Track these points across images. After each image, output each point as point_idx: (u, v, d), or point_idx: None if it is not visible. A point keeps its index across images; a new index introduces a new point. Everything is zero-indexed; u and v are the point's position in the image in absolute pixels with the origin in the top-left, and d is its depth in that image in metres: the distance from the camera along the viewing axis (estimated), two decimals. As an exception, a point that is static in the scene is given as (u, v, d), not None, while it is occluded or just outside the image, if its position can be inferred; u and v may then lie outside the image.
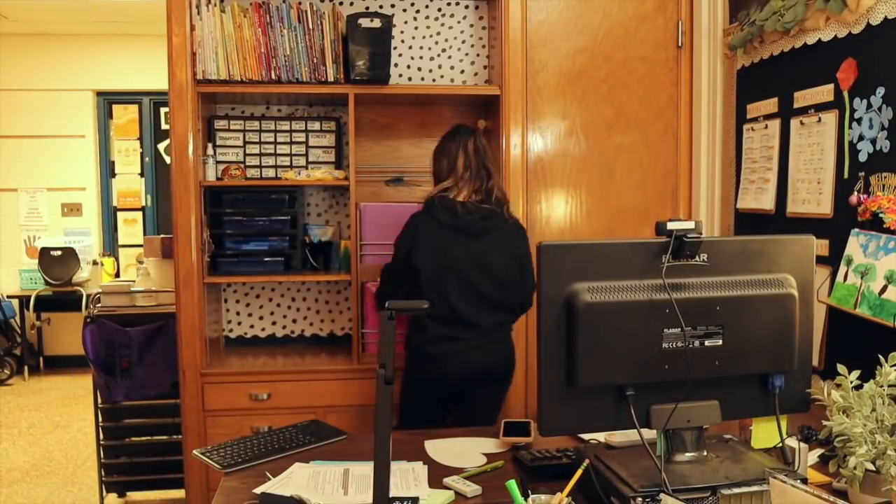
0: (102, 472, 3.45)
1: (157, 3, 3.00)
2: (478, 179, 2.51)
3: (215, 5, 2.77)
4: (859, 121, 2.03)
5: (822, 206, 2.19)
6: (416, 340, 2.50)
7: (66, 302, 6.11)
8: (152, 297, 3.47)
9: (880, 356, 1.50)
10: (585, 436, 1.84)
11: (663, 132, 3.02)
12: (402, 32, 3.21)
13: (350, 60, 2.80)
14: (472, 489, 1.59)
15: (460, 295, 2.43)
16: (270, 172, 3.14)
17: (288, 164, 3.14)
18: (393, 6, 3.21)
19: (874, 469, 1.38)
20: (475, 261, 2.44)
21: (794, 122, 2.34)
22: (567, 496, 1.30)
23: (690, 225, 1.42)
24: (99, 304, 3.45)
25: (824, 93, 2.18)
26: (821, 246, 2.15)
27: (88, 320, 3.32)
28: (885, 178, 1.94)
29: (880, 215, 1.91)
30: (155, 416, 3.38)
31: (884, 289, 1.88)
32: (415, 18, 3.23)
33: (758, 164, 2.57)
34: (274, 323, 3.27)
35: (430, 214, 2.47)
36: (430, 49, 3.24)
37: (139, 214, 6.85)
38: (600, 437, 1.80)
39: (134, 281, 3.77)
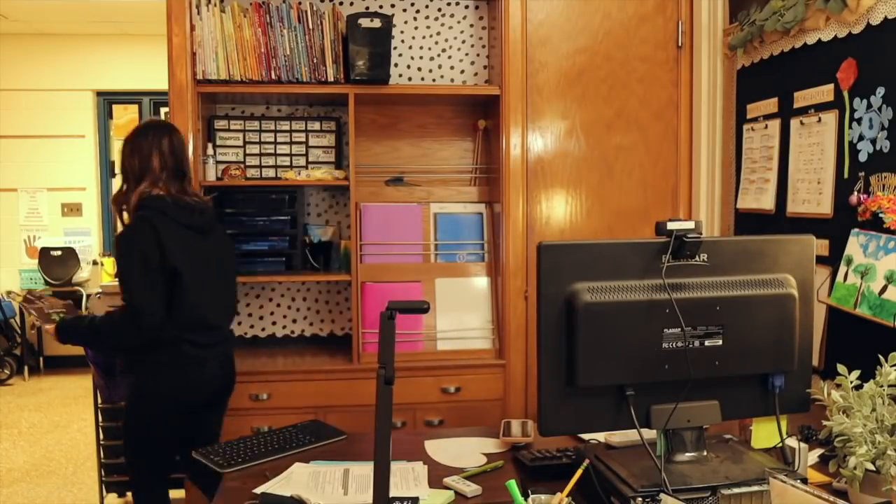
0: (102, 472, 3.45)
1: (157, 3, 3.00)
2: (176, 181, 2.34)
3: (215, 5, 2.77)
4: (859, 121, 2.03)
5: (822, 206, 2.19)
6: (157, 351, 2.27)
7: (67, 302, 6.11)
8: (152, 297, 3.46)
9: (880, 356, 1.50)
10: (585, 436, 1.85)
11: (663, 132, 3.02)
12: (402, 32, 3.21)
13: (350, 60, 2.80)
14: (472, 489, 1.59)
15: (212, 298, 2.36)
16: (270, 172, 3.14)
17: (288, 164, 3.14)
18: (393, 6, 3.21)
19: (874, 469, 1.38)
20: (212, 260, 2.38)
21: (794, 122, 2.34)
22: (567, 496, 1.30)
23: (690, 225, 1.42)
24: (99, 304, 3.45)
25: (824, 93, 2.18)
26: (821, 246, 2.15)
27: (88, 320, 3.32)
28: (885, 178, 1.94)
29: (880, 215, 1.91)
30: (155, 416, 3.37)
31: (884, 289, 1.88)
32: (415, 18, 3.23)
33: (758, 164, 2.57)
34: (274, 323, 3.27)
35: (165, 215, 2.24)
36: (430, 49, 3.24)
37: (139, 214, 6.85)
38: (600, 437, 1.80)
39: (134, 281, 3.76)
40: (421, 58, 3.24)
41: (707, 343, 1.44)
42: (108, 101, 6.77)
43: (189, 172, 2.42)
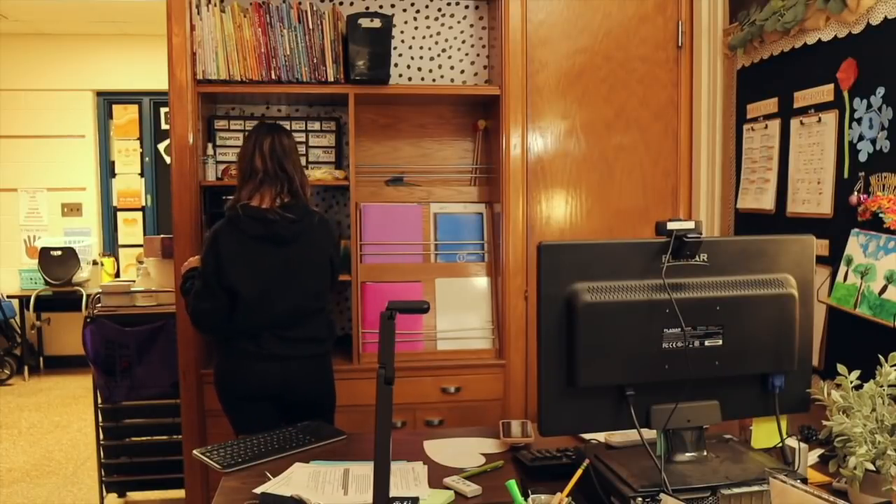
0: (102, 472, 3.45)
1: (157, 3, 3.00)
2: (277, 183, 2.37)
3: (215, 5, 2.77)
4: (859, 121, 2.03)
5: (822, 206, 2.19)
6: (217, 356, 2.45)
7: (66, 302, 6.11)
8: (152, 297, 3.46)
9: (880, 356, 1.50)
10: (585, 436, 1.85)
11: (663, 132, 3.02)
12: (402, 32, 3.21)
13: (350, 60, 2.80)
14: (472, 489, 1.59)
15: (284, 308, 2.35)
16: (270, 172, 3.13)
17: (288, 164, 3.13)
18: (393, 6, 3.21)
19: (874, 469, 1.38)
20: (288, 270, 2.35)
21: (794, 122, 2.34)
22: (567, 496, 1.30)
23: (690, 225, 1.42)
24: (99, 304, 3.45)
25: (824, 93, 2.18)
26: (821, 246, 2.15)
27: (88, 320, 3.32)
28: (885, 178, 1.94)
29: (880, 215, 1.91)
30: (155, 416, 3.38)
31: (884, 289, 1.88)
32: (415, 18, 3.23)
33: (758, 164, 2.57)
34: (274, 323, 3.26)
35: (235, 226, 2.32)
36: (430, 49, 3.24)
37: (139, 214, 6.85)
38: (600, 437, 1.80)
39: (134, 281, 3.77)
40: (421, 58, 3.24)
41: (707, 343, 1.44)
42: (108, 101, 6.76)
43: (295, 172, 2.42)
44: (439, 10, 3.23)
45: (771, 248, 1.50)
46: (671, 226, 1.41)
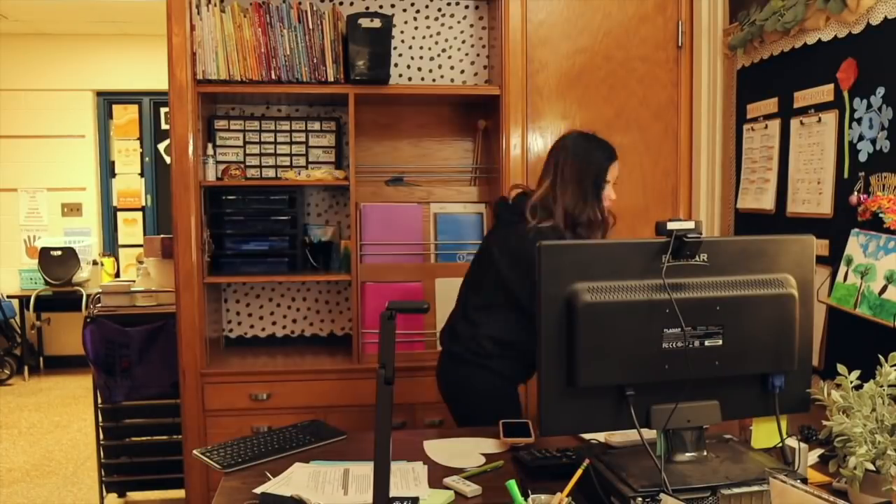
0: (102, 472, 3.45)
1: (157, 3, 3.00)
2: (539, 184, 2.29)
3: (215, 5, 2.77)
4: (859, 121, 2.03)
5: (822, 206, 2.19)
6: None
7: (66, 302, 6.11)
8: (152, 297, 3.47)
9: (880, 356, 1.50)
10: (585, 436, 1.85)
11: (663, 132, 3.02)
12: (402, 32, 3.21)
13: (350, 60, 2.80)
14: (472, 489, 1.59)
15: (462, 296, 2.38)
16: (270, 172, 3.14)
17: (288, 164, 3.14)
18: (393, 6, 3.21)
19: (874, 469, 1.38)
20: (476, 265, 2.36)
21: (794, 122, 2.34)
22: (567, 496, 1.30)
23: (690, 225, 1.42)
24: (99, 304, 3.45)
25: (824, 93, 2.18)
26: (821, 246, 2.15)
27: (88, 320, 3.32)
28: (885, 178, 1.94)
29: (880, 215, 1.91)
30: (155, 416, 3.38)
31: (884, 289, 1.88)
32: (415, 18, 3.23)
33: (758, 164, 2.57)
34: (274, 323, 3.27)
35: None
36: (430, 49, 3.24)
37: (139, 214, 6.85)
38: (600, 437, 1.80)
39: (134, 281, 3.77)
40: (421, 58, 3.24)
41: (707, 343, 1.44)
42: (108, 101, 6.76)
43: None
44: (439, 10, 3.23)
45: (771, 248, 1.50)
46: (671, 226, 1.41)
